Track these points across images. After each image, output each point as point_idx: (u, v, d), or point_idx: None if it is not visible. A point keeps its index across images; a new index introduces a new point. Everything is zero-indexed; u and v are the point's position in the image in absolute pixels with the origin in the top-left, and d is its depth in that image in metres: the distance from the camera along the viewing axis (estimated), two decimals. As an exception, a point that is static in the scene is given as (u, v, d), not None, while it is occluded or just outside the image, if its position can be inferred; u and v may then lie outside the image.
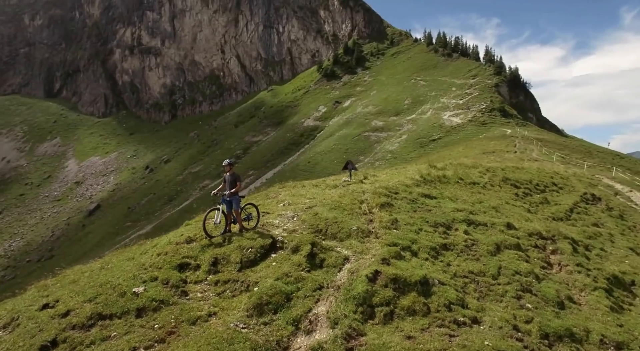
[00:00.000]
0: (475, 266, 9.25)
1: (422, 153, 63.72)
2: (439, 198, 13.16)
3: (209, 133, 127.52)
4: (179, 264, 7.63)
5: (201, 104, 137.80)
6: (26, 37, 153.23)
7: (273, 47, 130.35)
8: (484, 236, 11.00)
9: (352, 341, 5.97)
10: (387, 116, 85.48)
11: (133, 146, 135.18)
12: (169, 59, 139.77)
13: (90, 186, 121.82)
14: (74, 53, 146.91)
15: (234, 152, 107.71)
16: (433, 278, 8.01)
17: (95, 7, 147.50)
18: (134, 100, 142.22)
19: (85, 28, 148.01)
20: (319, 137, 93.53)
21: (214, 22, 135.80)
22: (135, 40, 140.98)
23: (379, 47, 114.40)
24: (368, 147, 76.74)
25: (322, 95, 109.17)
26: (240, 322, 6.20)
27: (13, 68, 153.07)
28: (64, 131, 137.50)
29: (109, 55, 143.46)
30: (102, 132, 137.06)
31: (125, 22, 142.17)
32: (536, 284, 9.37)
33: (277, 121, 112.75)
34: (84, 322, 6.24)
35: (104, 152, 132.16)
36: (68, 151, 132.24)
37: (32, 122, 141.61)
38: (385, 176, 16.49)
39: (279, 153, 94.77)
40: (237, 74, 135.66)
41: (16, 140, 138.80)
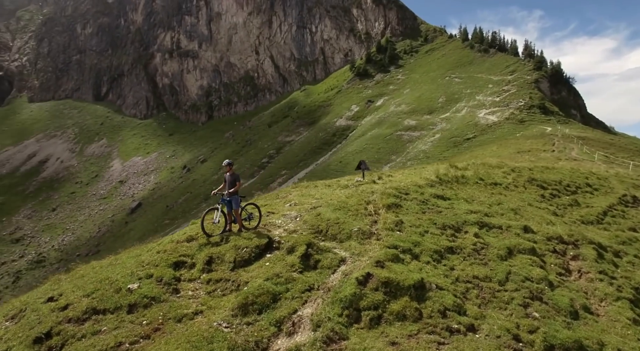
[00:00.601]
0: (482, 271, 8.86)
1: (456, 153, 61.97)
2: (452, 199, 12.71)
3: (243, 133, 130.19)
4: (175, 263, 7.84)
5: (236, 105, 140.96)
6: (78, 45, 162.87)
7: (306, 47, 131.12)
8: (496, 240, 10.51)
9: (332, 345, 5.89)
10: (420, 115, 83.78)
11: (172, 146, 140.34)
12: (206, 62, 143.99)
13: (132, 185, 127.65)
14: (119, 58, 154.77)
15: (267, 152, 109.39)
16: (430, 283, 7.76)
17: (138, 13, 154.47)
18: (173, 102, 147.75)
19: (129, 34, 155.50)
20: (351, 136, 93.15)
21: (248, 24, 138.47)
22: (174, 44, 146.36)
23: (412, 45, 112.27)
24: (400, 147, 75.55)
25: (354, 94, 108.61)
26: (224, 321, 6.27)
27: (67, 74, 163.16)
28: (109, 132, 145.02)
29: (150, 60, 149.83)
30: (144, 133, 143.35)
31: (165, 27, 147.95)
32: (548, 292, 8.85)
33: (310, 120, 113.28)
34: (79, 316, 6.55)
35: (145, 153, 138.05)
36: (113, 151, 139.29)
37: (82, 125, 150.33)
38: (401, 176, 16.14)
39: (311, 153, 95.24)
40: (271, 75, 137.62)
41: (68, 141, 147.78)
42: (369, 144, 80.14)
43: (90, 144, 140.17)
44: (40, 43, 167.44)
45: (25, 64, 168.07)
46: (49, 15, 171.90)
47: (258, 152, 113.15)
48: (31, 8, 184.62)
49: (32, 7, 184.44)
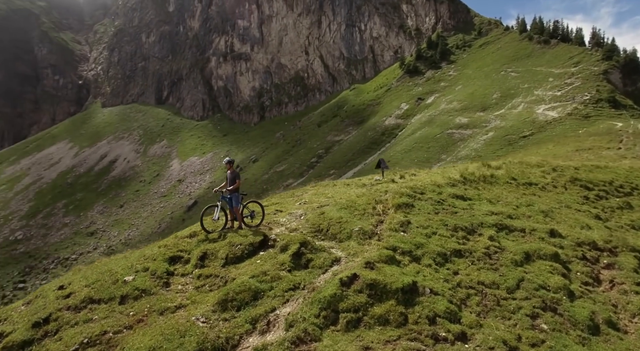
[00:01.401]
0: (489, 276, 8.28)
1: (510, 151, 58.52)
2: (474, 199, 11.96)
3: (293, 133, 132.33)
4: (171, 257, 8.15)
5: (287, 105, 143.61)
6: (143, 53, 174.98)
7: (355, 46, 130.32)
8: (514, 244, 9.76)
9: (301, 346, 5.80)
10: (472, 112, 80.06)
11: (226, 146, 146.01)
12: (258, 63, 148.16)
13: (189, 184, 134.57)
14: (178, 63, 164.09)
15: (317, 151, 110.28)
16: (424, 287, 7.38)
17: (195, 20, 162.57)
18: (227, 103, 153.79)
19: (187, 40, 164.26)
20: (400, 135, 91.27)
21: (298, 25, 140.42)
22: (228, 47, 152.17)
23: (465, 39, 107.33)
24: (451, 146, 72.75)
25: (404, 92, 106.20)
26: (203, 316, 6.41)
27: (133, 80, 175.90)
28: (169, 133, 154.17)
29: (206, 64, 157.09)
30: (200, 134, 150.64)
31: (220, 31, 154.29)
32: (565, 303, 8.07)
33: (359, 119, 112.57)
34: (77, 304, 7.03)
35: (201, 153, 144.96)
36: (172, 151, 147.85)
37: (146, 127, 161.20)
38: (426, 175, 15.48)
39: (360, 152, 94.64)
40: (321, 75, 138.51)
41: (134, 143, 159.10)
42: (418, 143, 78.03)
43: (152, 145, 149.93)
44: (112, 53, 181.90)
45: (100, 72, 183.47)
46: (119, 26, 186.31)
47: (307, 152, 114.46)
48: (105, 21, 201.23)
49: (106, 21, 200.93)
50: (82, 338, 6.05)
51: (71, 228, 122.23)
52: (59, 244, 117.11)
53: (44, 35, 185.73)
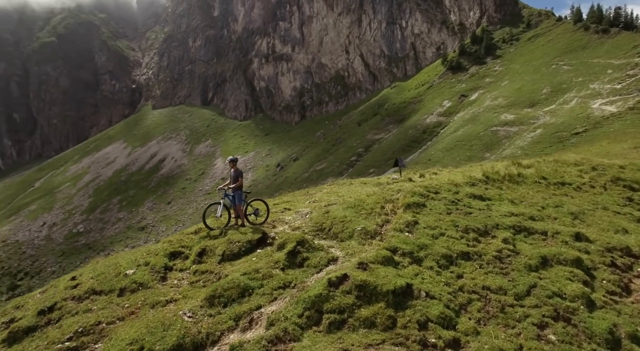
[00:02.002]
0: (496, 281, 7.75)
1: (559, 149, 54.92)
2: (494, 199, 11.27)
3: (333, 132, 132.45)
4: (172, 253, 8.36)
5: (327, 104, 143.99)
6: (189, 57, 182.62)
7: (396, 44, 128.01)
8: (530, 247, 9.08)
9: (279, 345, 5.72)
10: (519, 108, 76.03)
11: (268, 145, 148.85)
12: (299, 64, 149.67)
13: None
14: (222, 66, 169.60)
15: (356, 150, 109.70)
16: (420, 290, 7.04)
17: (239, 24, 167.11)
18: (269, 103, 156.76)
19: (231, 43, 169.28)
20: (442, 133, 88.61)
21: (338, 25, 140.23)
22: (270, 49, 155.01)
23: (512, 32, 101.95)
24: (495, 144, 69.55)
25: (446, 89, 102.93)
26: (190, 311, 6.51)
27: (181, 83, 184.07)
28: (214, 133, 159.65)
29: (249, 65, 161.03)
30: (243, 134, 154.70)
31: (262, 33, 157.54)
32: (583, 313, 7.38)
33: (399, 118, 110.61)
34: (81, 295, 7.40)
35: (244, 152, 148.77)
36: (217, 151, 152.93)
37: (192, 127, 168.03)
38: (447, 174, 14.82)
39: (400, 151, 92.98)
40: (361, 73, 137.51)
41: (181, 142, 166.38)
42: (461, 141, 75.31)
43: (198, 145, 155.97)
44: (162, 58, 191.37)
45: (151, 76, 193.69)
46: (169, 33, 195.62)
47: (347, 150, 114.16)
48: (156, 29, 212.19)
49: (157, 28, 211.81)
50: (77, 327, 6.36)
51: (124, 223, 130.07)
52: (114, 237, 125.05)
53: (103, 44, 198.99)
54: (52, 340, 6.21)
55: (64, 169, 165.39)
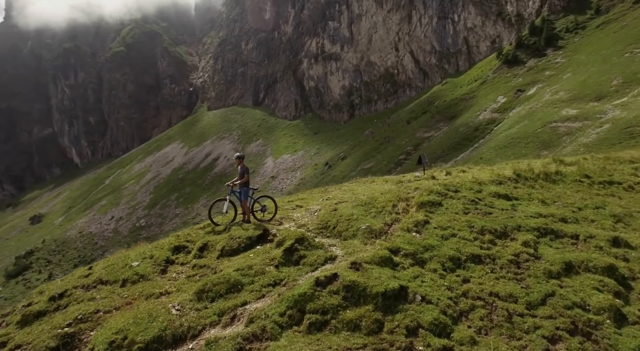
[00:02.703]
0: (507, 287, 7.11)
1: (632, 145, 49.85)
2: (522, 199, 10.36)
3: (382, 130, 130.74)
4: (176, 246, 8.57)
5: (376, 103, 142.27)
6: (242, 59, 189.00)
7: (448, 39, 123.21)
8: (555, 251, 8.23)
9: (254, 343, 5.63)
10: (584, 102, 70.06)
11: (316, 144, 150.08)
12: (348, 63, 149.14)
13: (282, 180, 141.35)
14: (273, 67, 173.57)
15: (405, 148, 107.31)
16: (415, 293, 6.63)
17: (289, 25, 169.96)
18: (318, 103, 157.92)
19: (281, 44, 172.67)
20: (496, 131, 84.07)
21: (387, 22, 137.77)
22: (319, 49, 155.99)
23: (577, 21, 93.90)
24: (554, 140, 64.65)
25: (501, 84, 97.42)
26: (179, 304, 6.62)
27: (234, 85, 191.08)
28: (264, 133, 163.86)
29: (299, 66, 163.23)
30: (292, 133, 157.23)
31: (311, 34, 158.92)
32: (608, 328, 6.56)
33: (450, 115, 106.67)
34: (90, 284, 7.81)
35: (293, 151, 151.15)
36: (267, 150, 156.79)
37: (244, 127, 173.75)
38: (477, 171, 13.86)
39: (451, 149, 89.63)
40: (411, 70, 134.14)
41: (234, 142, 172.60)
42: (516, 139, 70.91)
43: (249, 144, 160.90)
44: (216, 61, 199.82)
45: (206, 79, 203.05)
46: (223, 37, 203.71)
47: (395, 149, 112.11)
48: (212, 34, 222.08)
49: (213, 33, 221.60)
50: (77, 314, 6.72)
51: (181, 218, 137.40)
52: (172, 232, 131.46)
53: (164, 50, 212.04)
54: (54, 324, 6.61)
55: (129, 167, 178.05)
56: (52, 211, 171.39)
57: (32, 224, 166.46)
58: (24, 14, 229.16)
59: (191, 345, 5.71)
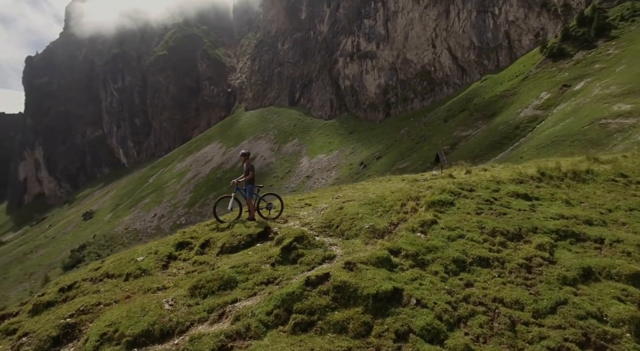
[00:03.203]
0: (514, 293, 6.63)
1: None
2: (543, 199, 9.66)
3: (418, 129, 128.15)
4: (180, 243, 8.71)
5: (412, 101, 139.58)
6: (278, 60, 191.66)
7: (487, 33, 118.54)
8: (573, 256, 7.60)
9: (236, 341, 5.58)
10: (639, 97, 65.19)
11: (352, 144, 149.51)
12: (383, 61, 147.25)
13: (317, 180, 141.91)
14: (308, 67, 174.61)
15: (441, 147, 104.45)
16: (411, 296, 6.33)
17: (324, 24, 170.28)
18: (353, 102, 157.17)
19: (317, 44, 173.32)
20: (538, 129, 79.99)
21: (424, 18, 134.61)
22: (354, 47, 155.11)
23: (634, 7, 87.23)
24: (603, 139, 60.52)
25: (545, 79, 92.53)
26: (173, 300, 6.71)
27: (270, 85, 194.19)
28: (300, 133, 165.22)
29: (334, 65, 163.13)
30: (328, 133, 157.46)
31: (347, 32, 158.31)
32: (628, 343, 5.95)
33: (490, 113, 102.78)
34: (97, 277, 8.10)
35: (328, 150, 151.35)
36: (302, 149, 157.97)
37: (280, 127, 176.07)
38: (501, 169, 13.09)
39: (489, 148, 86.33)
40: (449, 67, 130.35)
41: (270, 142, 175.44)
42: (560, 137, 67.06)
43: (285, 144, 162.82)
44: (253, 62, 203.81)
45: (244, 80, 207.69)
46: (260, 38, 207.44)
47: (431, 148, 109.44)
48: (249, 35, 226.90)
49: (250, 34, 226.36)
50: (80, 306, 6.98)
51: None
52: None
53: (204, 53, 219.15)
54: (59, 315, 6.91)
55: (170, 167, 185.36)
56: (101, 208, 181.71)
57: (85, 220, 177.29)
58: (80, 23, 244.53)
59: (177, 341, 5.76)
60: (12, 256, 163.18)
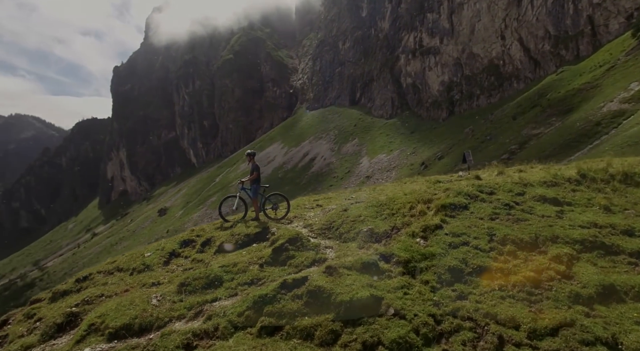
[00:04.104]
0: (511, 310, 5.93)
1: None
2: (577, 204, 8.48)
3: (483, 128, 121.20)
4: (185, 240, 8.99)
5: (478, 98, 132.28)
6: (339, 59, 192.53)
7: (566, 20, 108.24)
8: (595, 271, 6.60)
9: (202, 340, 5.62)
10: None
11: (413, 143, 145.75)
12: (447, 56, 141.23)
13: (376, 180, 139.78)
14: (369, 65, 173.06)
15: (509, 147, 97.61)
16: (389, 306, 5.94)
17: (386, 21, 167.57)
18: (415, 100, 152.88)
19: (378, 41, 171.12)
20: (624, 125, 71.47)
21: (493, 8, 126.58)
22: (417, 43, 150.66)
23: None
24: None
25: (636, 68, 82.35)
26: (161, 295, 6.95)
27: (331, 85, 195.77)
28: (360, 133, 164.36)
29: (395, 62, 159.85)
30: (389, 132, 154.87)
31: (409, 28, 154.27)
32: (642, 375, 5.07)
33: (565, 108, 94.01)
34: (110, 270, 8.66)
35: (389, 150, 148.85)
36: (362, 150, 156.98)
37: (341, 127, 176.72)
38: (538, 171, 11.71)
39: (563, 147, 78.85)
40: (519, 60, 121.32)
41: (330, 142, 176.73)
42: (651, 133, 59.53)
43: (345, 144, 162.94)
44: (315, 62, 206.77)
45: (305, 81, 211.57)
46: (321, 38, 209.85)
47: (498, 147, 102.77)
48: (311, 36, 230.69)
49: (312, 35, 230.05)
50: (85, 297, 7.51)
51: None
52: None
53: (267, 55, 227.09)
54: (68, 303, 7.50)
55: (235, 167, 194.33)
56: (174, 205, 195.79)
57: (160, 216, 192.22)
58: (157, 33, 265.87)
59: (152, 336, 5.95)
60: (102, 247, 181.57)
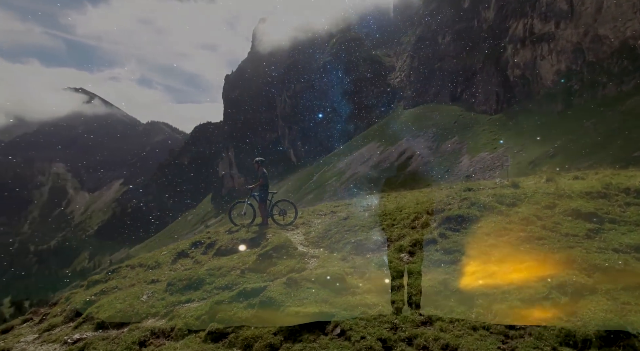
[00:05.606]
0: (477, 344, 5.08)
1: None
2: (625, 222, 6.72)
3: (610, 121, 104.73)
4: (195, 242, 9.50)
5: (605, 87, 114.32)
6: (438, 54, 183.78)
7: None
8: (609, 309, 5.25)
9: (158, 339, 5.95)
10: None
11: (520, 140, 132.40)
12: (565, 42, 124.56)
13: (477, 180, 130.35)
14: (471, 58, 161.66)
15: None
16: (337, 325, 5.56)
17: (490, 10, 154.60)
18: (523, 93, 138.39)
19: (481, 33, 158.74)
20: None
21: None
22: (526, 31, 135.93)
23: None
24: None
25: None
26: (152, 292, 7.52)
27: (430, 82, 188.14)
28: (461, 130, 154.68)
29: (501, 54, 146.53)
30: (492, 129, 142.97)
31: (517, 15, 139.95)
32: None
33: None
34: (134, 264, 9.66)
35: (492, 148, 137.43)
36: (463, 148, 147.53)
37: (439, 125, 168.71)
38: (595, 181, 9.44)
39: None
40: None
41: (428, 140, 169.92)
42: None
43: (444, 142, 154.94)
44: (412, 59, 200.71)
45: (403, 78, 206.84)
46: (419, 34, 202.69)
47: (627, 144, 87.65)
48: (408, 32, 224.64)
49: (409, 32, 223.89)
50: (104, 287, 8.51)
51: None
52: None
53: (365, 54, 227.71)
54: (93, 292, 8.59)
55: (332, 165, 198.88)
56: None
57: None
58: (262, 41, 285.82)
59: (126, 330, 6.50)
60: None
